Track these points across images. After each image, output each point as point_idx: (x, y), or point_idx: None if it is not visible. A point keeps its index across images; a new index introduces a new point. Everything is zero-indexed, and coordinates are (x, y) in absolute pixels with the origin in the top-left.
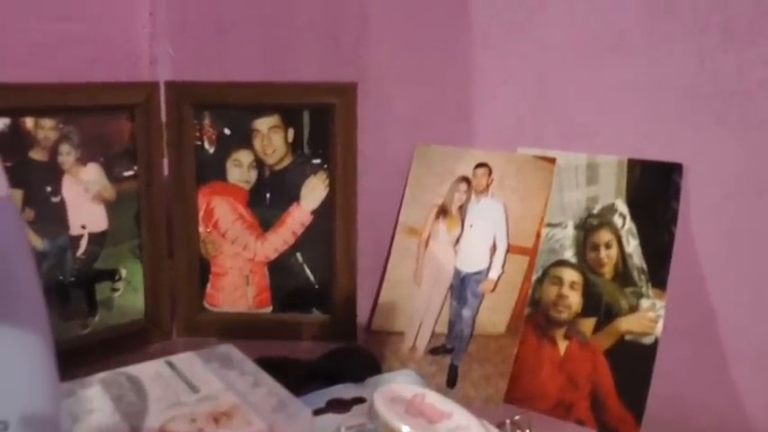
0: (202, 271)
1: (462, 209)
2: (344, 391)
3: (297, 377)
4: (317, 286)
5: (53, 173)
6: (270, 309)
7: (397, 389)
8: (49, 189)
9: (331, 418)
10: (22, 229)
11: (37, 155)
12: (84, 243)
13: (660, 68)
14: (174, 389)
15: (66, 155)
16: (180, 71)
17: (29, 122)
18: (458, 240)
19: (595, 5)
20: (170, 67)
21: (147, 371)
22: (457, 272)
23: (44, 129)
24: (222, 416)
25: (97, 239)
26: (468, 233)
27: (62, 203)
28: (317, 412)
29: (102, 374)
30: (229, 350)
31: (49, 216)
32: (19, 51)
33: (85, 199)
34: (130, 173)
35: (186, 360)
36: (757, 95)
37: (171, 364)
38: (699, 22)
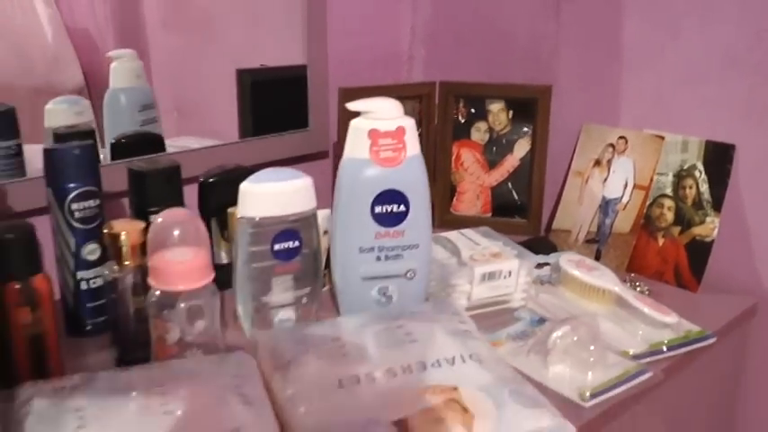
0: (451, 191)
1: (609, 162)
2: (543, 257)
3: None
4: (519, 202)
5: None
6: (490, 214)
7: (571, 256)
8: None
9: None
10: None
11: None
12: None
13: (728, 92)
14: (469, 243)
15: None
16: (429, 66)
17: None
18: (605, 180)
19: (691, 54)
20: (438, 60)
21: (451, 235)
22: (603, 198)
23: None
24: (497, 255)
25: None
26: (611, 176)
27: None
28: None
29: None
30: (487, 228)
31: None
32: (344, 57)
33: None
34: (417, 131)
35: (467, 231)
36: None
37: (461, 233)
38: (751, 68)
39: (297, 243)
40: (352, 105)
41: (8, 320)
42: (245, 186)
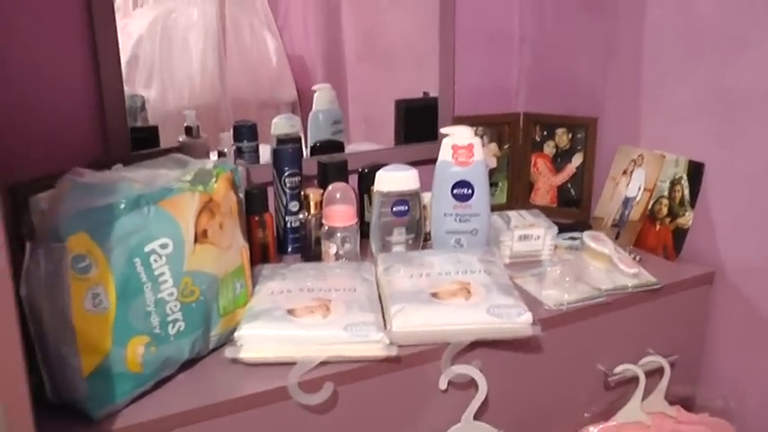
0: (530, 187)
1: (631, 172)
2: (577, 234)
3: (559, 231)
4: (575, 197)
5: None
6: (555, 205)
7: (592, 233)
8: None
9: (567, 242)
10: (486, 173)
11: None
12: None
13: (703, 128)
14: (518, 217)
15: (484, 140)
16: (529, 98)
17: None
18: (628, 184)
19: (682, 100)
20: (523, 98)
21: (511, 212)
22: (625, 196)
23: (477, 134)
24: (532, 225)
25: (492, 171)
26: (631, 182)
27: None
28: (567, 238)
29: (497, 212)
30: (537, 210)
31: None
32: (469, 91)
33: (490, 155)
34: (507, 145)
35: (522, 211)
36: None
37: (518, 212)
38: (715, 114)
39: (406, 207)
40: (443, 129)
41: (251, 235)
42: (379, 173)
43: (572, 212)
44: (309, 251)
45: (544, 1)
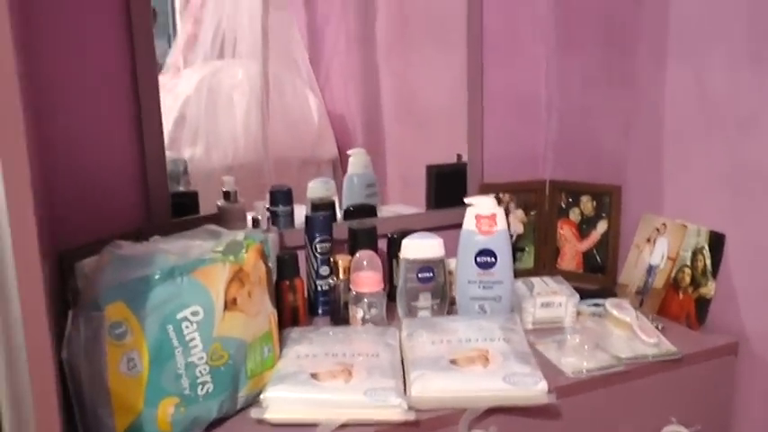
0: (556, 252)
1: (655, 240)
2: (601, 300)
3: (584, 296)
4: (600, 263)
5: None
6: (581, 270)
7: (615, 301)
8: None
9: (590, 309)
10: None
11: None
12: (514, 238)
13: (722, 201)
14: (542, 284)
15: (511, 206)
16: (555, 166)
17: (503, 196)
18: (651, 252)
19: (700, 173)
20: (551, 165)
21: (534, 279)
22: (649, 264)
23: (504, 201)
24: (555, 292)
25: (519, 237)
26: (655, 250)
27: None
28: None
29: (521, 278)
30: (560, 277)
31: None
32: (498, 158)
33: (516, 221)
34: (533, 212)
35: (545, 278)
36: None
37: (541, 278)
38: (732, 189)
39: (431, 274)
40: (467, 200)
41: (282, 299)
42: (405, 241)
43: (598, 278)
44: (338, 314)
45: (570, 72)
